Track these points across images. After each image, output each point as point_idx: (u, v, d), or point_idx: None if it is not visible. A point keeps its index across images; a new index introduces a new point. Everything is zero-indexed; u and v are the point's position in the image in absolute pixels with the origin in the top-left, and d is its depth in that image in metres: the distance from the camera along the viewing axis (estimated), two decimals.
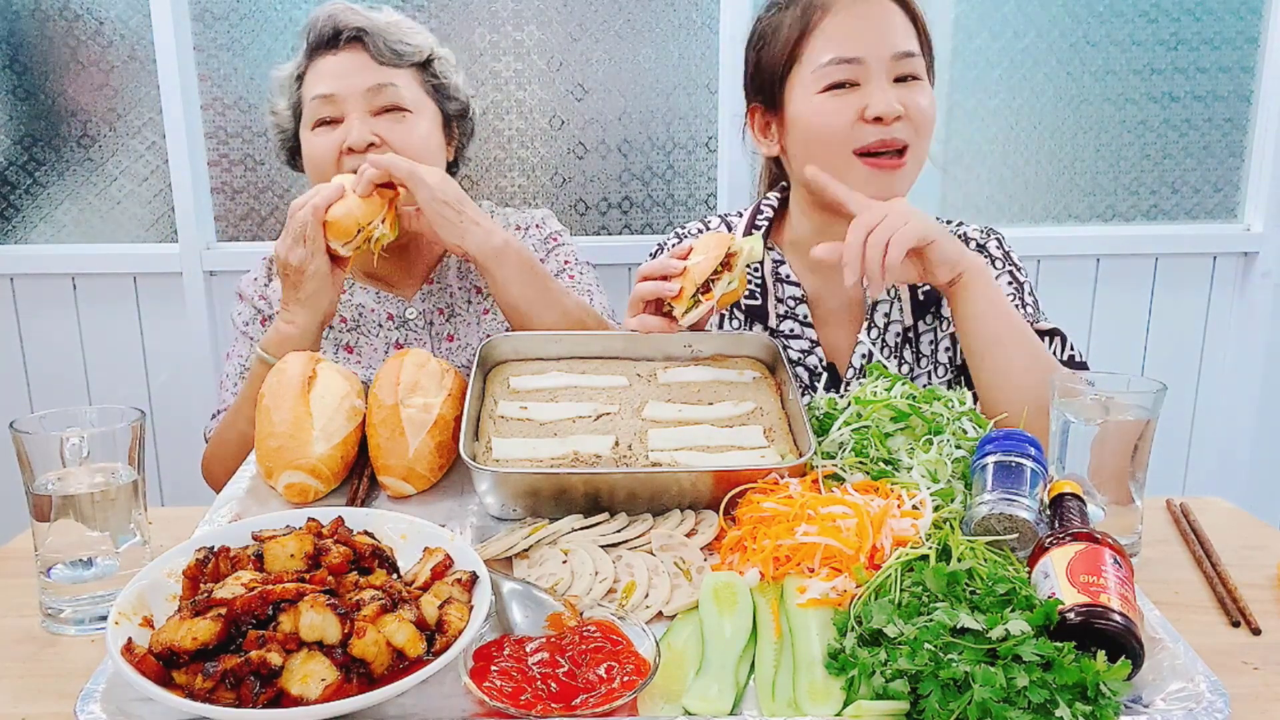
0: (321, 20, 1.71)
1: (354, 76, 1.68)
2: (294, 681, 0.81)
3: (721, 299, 1.44)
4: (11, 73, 2.35)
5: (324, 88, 1.69)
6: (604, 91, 2.41)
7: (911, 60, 1.53)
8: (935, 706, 0.83)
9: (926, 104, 1.53)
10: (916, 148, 1.54)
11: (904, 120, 1.51)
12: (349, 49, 1.70)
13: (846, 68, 1.51)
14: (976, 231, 1.71)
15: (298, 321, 1.57)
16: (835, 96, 1.53)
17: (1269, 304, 2.57)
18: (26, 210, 2.44)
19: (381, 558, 0.97)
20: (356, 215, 1.54)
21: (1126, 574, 0.94)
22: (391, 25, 1.73)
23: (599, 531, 1.15)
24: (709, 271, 1.41)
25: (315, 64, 1.72)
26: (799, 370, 1.66)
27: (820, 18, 1.54)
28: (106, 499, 1.09)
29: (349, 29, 1.70)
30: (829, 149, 1.55)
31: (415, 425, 1.28)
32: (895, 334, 1.67)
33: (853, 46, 1.51)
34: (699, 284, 1.41)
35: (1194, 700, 0.86)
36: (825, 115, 1.53)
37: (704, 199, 2.49)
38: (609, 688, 0.86)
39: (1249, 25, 2.44)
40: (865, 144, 1.51)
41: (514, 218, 1.93)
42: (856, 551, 1.02)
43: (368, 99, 1.68)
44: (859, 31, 1.52)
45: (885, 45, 1.51)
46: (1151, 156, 2.52)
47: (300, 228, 1.53)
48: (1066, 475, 1.16)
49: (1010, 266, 1.67)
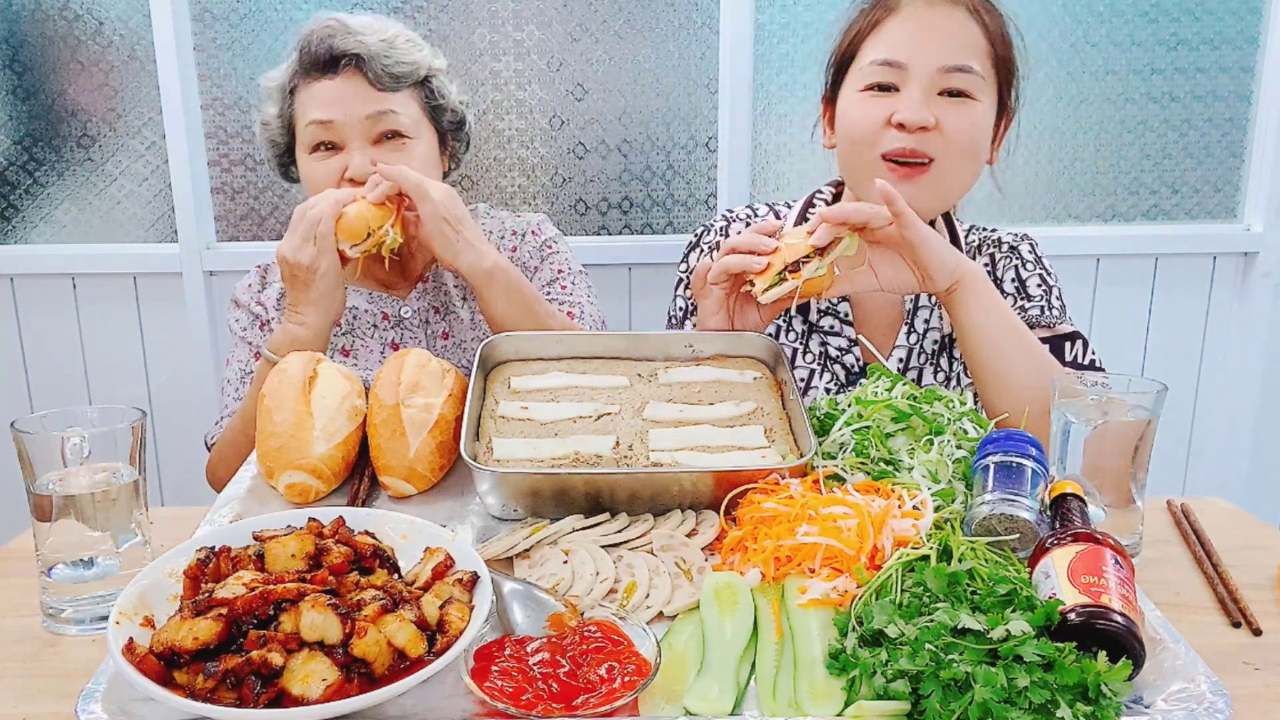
0: (316, 41, 1.68)
1: (352, 104, 1.68)
2: (295, 681, 0.81)
3: (806, 284, 1.39)
4: (11, 73, 2.34)
5: (322, 114, 1.68)
6: (604, 91, 2.41)
7: (963, 76, 1.50)
8: (936, 707, 0.83)
9: (966, 124, 1.51)
10: (946, 163, 1.52)
11: (935, 133, 1.49)
12: (346, 74, 1.68)
13: (889, 70, 1.51)
14: (1010, 236, 1.72)
15: (309, 322, 1.57)
16: (873, 97, 1.53)
17: (1269, 304, 2.57)
18: (26, 210, 2.44)
19: (382, 558, 0.97)
20: (368, 218, 1.56)
21: (1127, 574, 0.94)
22: (387, 45, 1.70)
23: (600, 532, 1.15)
24: (803, 252, 1.38)
25: (310, 85, 1.70)
26: (835, 368, 1.66)
27: (884, 17, 1.53)
28: (107, 499, 1.09)
29: (346, 55, 1.67)
30: (856, 148, 1.56)
31: (416, 425, 1.28)
32: (933, 340, 1.67)
33: (901, 51, 1.50)
34: (789, 262, 1.38)
35: (1195, 701, 0.86)
36: (858, 114, 1.54)
37: (704, 199, 2.49)
38: (610, 688, 0.86)
39: (1249, 25, 2.44)
40: (889, 149, 1.51)
41: (510, 222, 1.93)
42: (857, 552, 1.02)
43: (367, 127, 1.69)
44: (914, 37, 1.50)
45: (936, 55, 1.49)
46: (1151, 156, 2.52)
47: (311, 226, 1.54)
48: (1067, 476, 1.16)
49: (1040, 270, 1.67)
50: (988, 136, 1.57)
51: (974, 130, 1.52)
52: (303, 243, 1.54)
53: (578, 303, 1.85)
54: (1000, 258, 1.69)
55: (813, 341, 1.67)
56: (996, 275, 1.68)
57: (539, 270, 1.89)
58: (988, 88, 1.53)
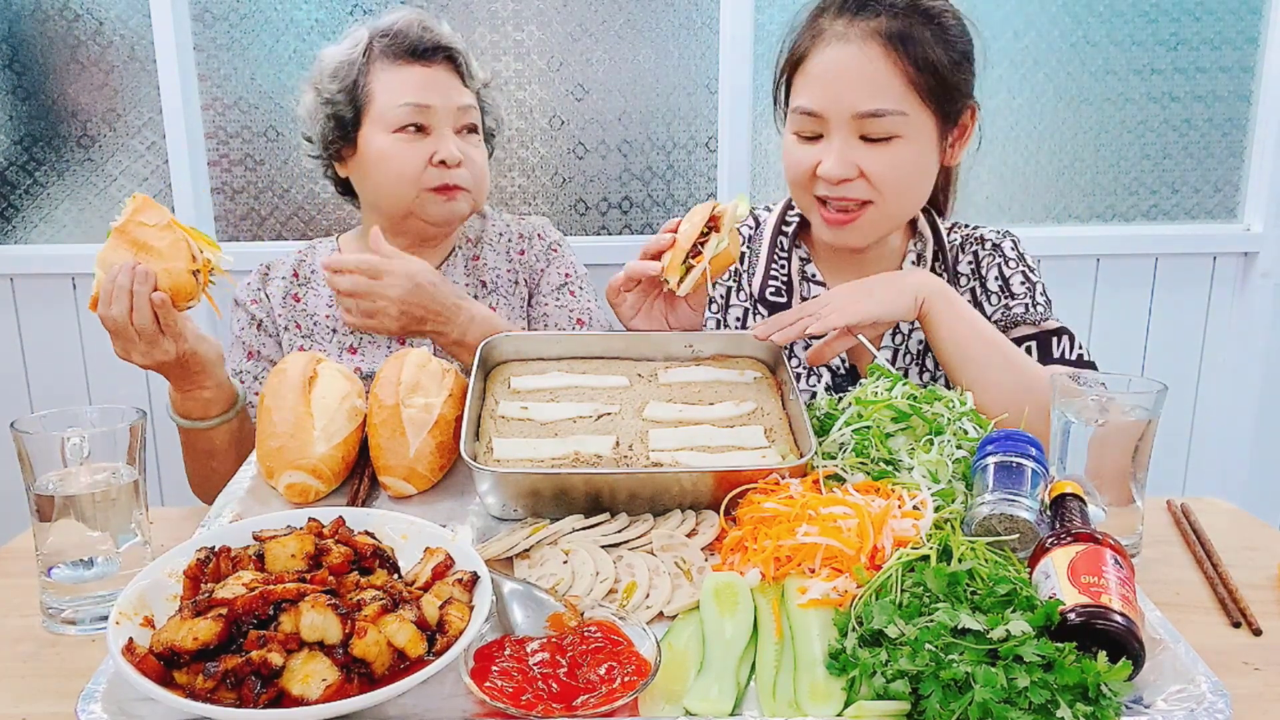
0: (413, 29, 1.74)
1: (449, 93, 1.75)
2: (295, 682, 0.81)
3: (714, 261, 1.42)
4: (11, 73, 2.34)
5: (419, 98, 1.72)
6: (604, 91, 2.41)
7: (879, 121, 1.47)
8: (936, 707, 0.83)
9: (890, 166, 1.49)
10: (880, 203, 1.52)
11: (860, 181, 1.50)
12: (439, 65, 1.76)
13: (810, 120, 1.52)
14: (992, 232, 1.72)
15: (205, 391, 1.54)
16: (800, 143, 1.55)
17: (1269, 304, 2.57)
18: (26, 210, 2.44)
19: (382, 558, 0.97)
20: (182, 286, 1.40)
21: (1127, 574, 0.94)
22: (468, 48, 1.82)
23: (600, 532, 1.15)
24: (695, 235, 1.41)
25: (399, 69, 1.74)
26: (823, 370, 1.66)
27: (811, 47, 1.52)
28: (107, 499, 1.09)
29: (443, 46, 1.76)
30: (794, 191, 1.61)
31: (416, 425, 1.28)
32: (918, 341, 1.67)
33: (817, 99, 1.50)
34: (686, 249, 1.41)
35: (1195, 701, 0.86)
36: (791, 160, 1.57)
37: (704, 199, 2.49)
38: (610, 688, 0.86)
39: (1249, 25, 2.44)
40: (821, 194, 1.54)
41: (516, 225, 1.96)
42: (857, 552, 1.02)
43: (456, 117, 1.76)
44: (829, 84, 1.48)
45: (849, 101, 1.47)
46: (1151, 156, 2.52)
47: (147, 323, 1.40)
48: (1067, 476, 1.16)
49: (1024, 266, 1.66)
50: (923, 164, 1.54)
51: (900, 170, 1.50)
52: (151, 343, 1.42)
53: (586, 309, 1.87)
54: (984, 255, 1.68)
55: (797, 345, 1.67)
56: (980, 273, 1.67)
57: (545, 273, 1.91)
58: (914, 120, 1.49)
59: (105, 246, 1.44)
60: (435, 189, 1.74)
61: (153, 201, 1.44)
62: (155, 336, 1.41)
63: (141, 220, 1.42)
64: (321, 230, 2.47)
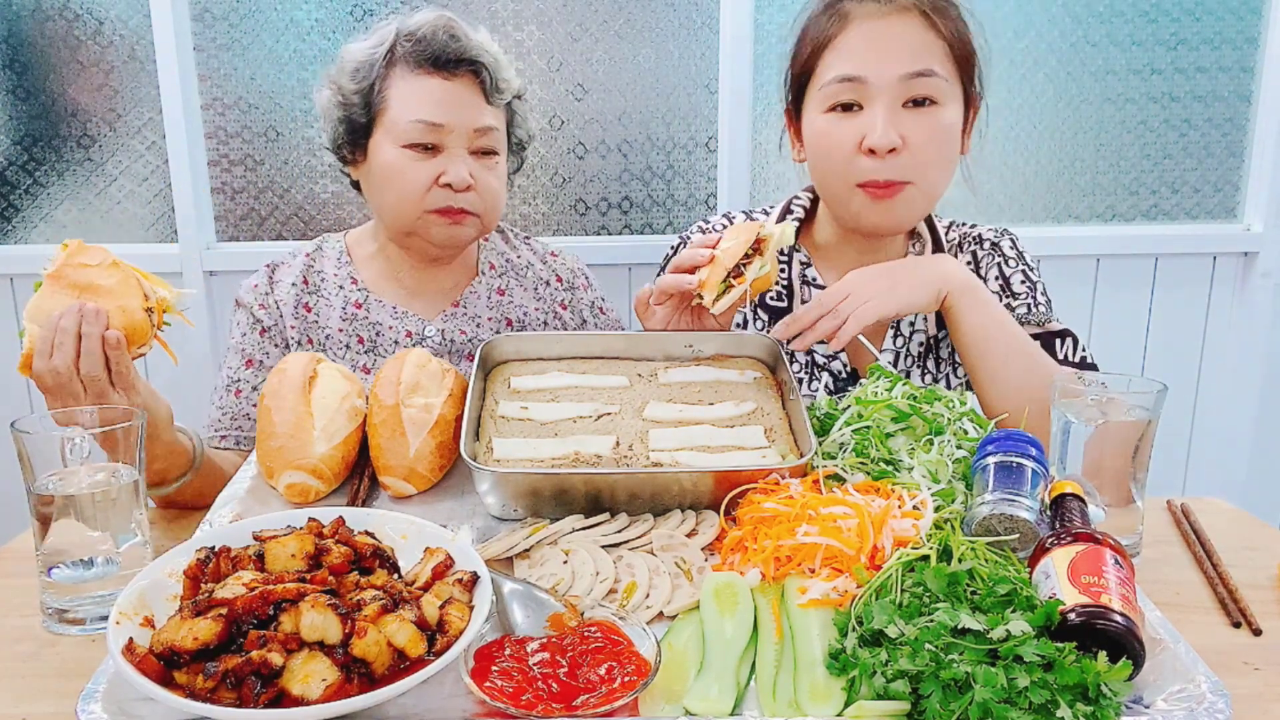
0: (440, 36, 1.61)
1: (466, 111, 1.63)
2: (295, 681, 0.81)
3: (754, 284, 1.41)
4: (11, 73, 2.34)
5: (433, 115, 1.61)
6: (604, 91, 2.41)
7: (925, 81, 1.47)
8: (936, 707, 0.83)
9: (934, 133, 1.49)
10: (922, 180, 1.52)
11: (905, 153, 1.48)
12: (461, 78, 1.63)
13: (850, 87, 1.48)
14: (990, 231, 1.72)
15: None
16: (839, 119, 1.51)
17: (1269, 304, 2.57)
18: (26, 210, 2.44)
19: (382, 558, 0.97)
20: (137, 326, 1.30)
21: (1127, 574, 0.94)
22: (500, 59, 1.67)
23: (600, 532, 1.15)
24: (739, 256, 1.39)
25: (419, 78, 1.62)
26: (824, 373, 1.66)
27: (838, 30, 1.51)
28: (107, 499, 1.09)
29: (469, 59, 1.62)
30: (828, 178, 1.57)
31: (416, 425, 1.28)
32: (919, 343, 1.67)
33: (860, 64, 1.47)
34: (729, 269, 1.39)
35: (1195, 701, 0.86)
36: (827, 142, 1.53)
37: (704, 199, 2.49)
38: (610, 688, 0.86)
39: (1249, 25, 2.44)
40: (864, 179, 1.51)
41: (541, 268, 1.89)
42: (857, 552, 1.02)
43: (471, 138, 1.64)
44: (870, 49, 1.48)
45: (894, 65, 1.46)
46: (1151, 156, 2.52)
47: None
48: (1067, 476, 1.16)
49: (1024, 266, 1.67)
50: (957, 138, 1.55)
51: (942, 137, 1.50)
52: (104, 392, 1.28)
53: (615, 321, 1.90)
54: (982, 255, 1.69)
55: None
56: (980, 273, 1.67)
57: (575, 290, 1.90)
58: (951, 88, 1.51)
59: (36, 296, 1.28)
60: (439, 211, 1.64)
61: (88, 245, 1.30)
62: (104, 389, 1.25)
63: (82, 261, 1.28)
64: (321, 230, 2.47)
